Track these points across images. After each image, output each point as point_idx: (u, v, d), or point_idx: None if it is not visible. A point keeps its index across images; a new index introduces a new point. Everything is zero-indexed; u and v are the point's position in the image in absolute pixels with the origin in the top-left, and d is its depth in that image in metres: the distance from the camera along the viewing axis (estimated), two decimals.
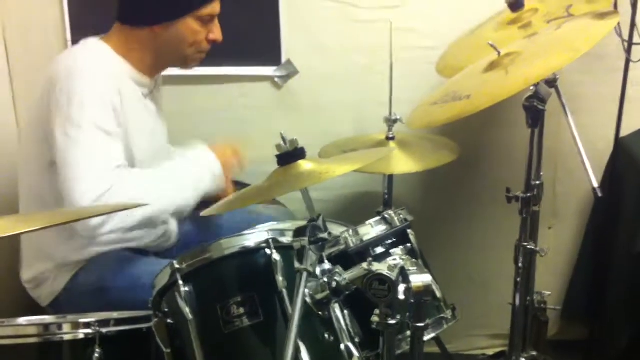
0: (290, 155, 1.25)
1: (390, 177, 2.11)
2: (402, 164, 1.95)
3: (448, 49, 2.09)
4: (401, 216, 1.59)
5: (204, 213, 1.33)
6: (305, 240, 1.18)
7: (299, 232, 1.21)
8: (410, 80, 2.21)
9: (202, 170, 1.77)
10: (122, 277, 1.74)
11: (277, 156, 1.26)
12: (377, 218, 1.58)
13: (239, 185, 1.93)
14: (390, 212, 1.58)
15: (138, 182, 1.63)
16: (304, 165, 1.26)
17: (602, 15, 1.58)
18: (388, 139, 2.04)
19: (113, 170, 1.58)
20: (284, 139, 1.25)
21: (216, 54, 2.00)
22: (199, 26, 1.73)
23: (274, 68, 2.27)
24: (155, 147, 1.84)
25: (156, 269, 1.63)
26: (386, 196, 2.12)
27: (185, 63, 1.82)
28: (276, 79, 2.28)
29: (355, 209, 2.37)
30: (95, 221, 1.55)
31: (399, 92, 2.08)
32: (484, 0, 2.13)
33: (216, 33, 1.77)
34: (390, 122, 2.03)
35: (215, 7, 1.74)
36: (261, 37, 2.24)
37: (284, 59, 2.26)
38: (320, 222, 1.23)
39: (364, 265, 1.27)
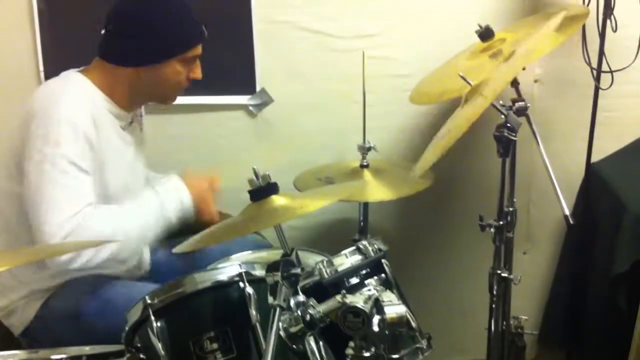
0: (263, 190, 1.25)
1: (366, 204, 2.11)
2: (377, 191, 1.96)
3: (422, 79, 2.11)
4: (375, 246, 1.59)
5: (176, 250, 1.32)
6: (278, 276, 1.18)
7: (272, 267, 1.20)
8: (385, 108, 2.23)
9: (170, 204, 1.76)
10: (96, 302, 1.72)
11: (250, 192, 1.26)
12: (352, 248, 1.57)
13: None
14: (365, 242, 1.58)
15: (106, 219, 1.63)
16: (277, 200, 1.26)
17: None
18: (362, 166, 2.05)
19: (83, 208, 1.57)
20: (256, 174, 1.25)
21: (191, 83, 2.00)
22: (182, 67, 1.75)
23: (249, 97, 2.27)
24: (132, 179, 1.84)
25: (130, 291, 1.63)
26: (362, 223, 2.12)
27: (164, 101, 1.85)
28: (250, 108, 2.29)
29: (331, 236, 2.38)
30: (64, 258, 1.54)
31: (374, 120, 2.10)
32: (457, 28, 2.17)
33: (197, 72, 1.80)
34: (364, 150, 2.04)
35: (199, 49, 1.77)
36: (235, 66, 2.25)
37: (258, 88, 2.27)
38: (293, 257, 1.22)
39: (338, 297, 1.28)
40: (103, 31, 1.74)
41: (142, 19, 1.71)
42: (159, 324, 1.32)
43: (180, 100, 2.21)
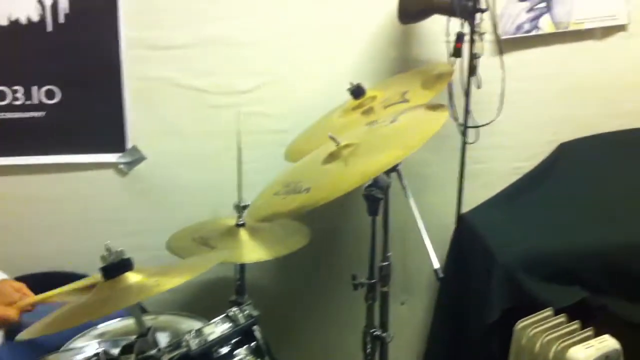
0: (115, 267, 1.18)
1: (243, 264, 2.07)
2: (253, 252, 1.91)
3: (296, 136, 2.12)
4: (246, 312, 1.54)
5: (20, 337, 1.22)
6: (132, 358, 1.11)
7: (126, 349, 1.13)
8: (261, 164, 2.21)
9: None
10: None
11: (101, 269, 1.18)
12: (222, 316, 1.52)
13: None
14: (235, 309, 1.53)
15: None
16: (132, 277, 1.19)
17: (434, 108, 1.67)
18: (238, 225, 2.01)
19: None
20: (108, 249, 1.18)
21: (56, 142, 1.89)
22: None
23: (119, 154, 2.19)
24: None
25: None
26: (238, 282, 2.07)
27: None
28: (120, 166, 2.21)
29: (208, 297, 2.30)
30: None
31: (251, 175, 2.07)
32: (331, 85, 2.20)
33: None
34: (240, 209, 2.00)
35: None
36: (104, 123, 2.16)
37: (129, 145, 2.19)
38: (150, 336, 1.16)
39: None
40: None
41: None
42: None
43: (46, 160, 2.13)
